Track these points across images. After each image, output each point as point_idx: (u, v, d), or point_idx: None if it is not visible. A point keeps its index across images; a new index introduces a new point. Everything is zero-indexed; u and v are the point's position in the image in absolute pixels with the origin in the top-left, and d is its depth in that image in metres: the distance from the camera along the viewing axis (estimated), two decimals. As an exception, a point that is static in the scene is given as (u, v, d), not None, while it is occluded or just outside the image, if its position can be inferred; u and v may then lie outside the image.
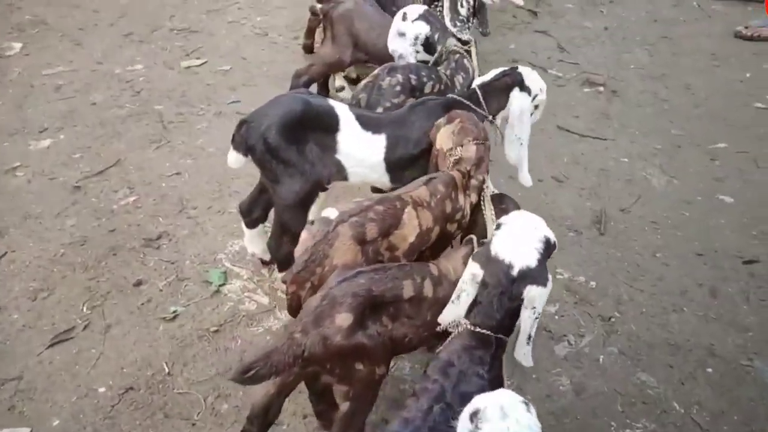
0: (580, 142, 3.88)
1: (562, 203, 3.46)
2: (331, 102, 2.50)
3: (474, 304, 1.76)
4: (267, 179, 2.49)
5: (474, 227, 2.42)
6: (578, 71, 4.52)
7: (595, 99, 4.25)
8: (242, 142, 2.40)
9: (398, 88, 2.78)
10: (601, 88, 4.36)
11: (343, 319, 1.78)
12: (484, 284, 1.74)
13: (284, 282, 2.10)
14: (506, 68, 2.65)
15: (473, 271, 1.75)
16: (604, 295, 2.98)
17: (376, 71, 2.88)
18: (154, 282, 2.90)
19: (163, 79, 4.25)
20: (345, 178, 2.54)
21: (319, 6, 3.61)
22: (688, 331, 2.84)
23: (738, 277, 3.10)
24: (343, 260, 1.96)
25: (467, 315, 1.77)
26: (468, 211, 2.31)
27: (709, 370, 2.68)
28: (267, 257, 2.97)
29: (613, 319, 2.88)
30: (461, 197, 2.28)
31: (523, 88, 2.55)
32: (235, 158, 2.48)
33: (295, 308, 2.04)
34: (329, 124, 2.43)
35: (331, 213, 2.03)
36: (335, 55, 3.49)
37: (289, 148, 2.36)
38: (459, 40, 3.14)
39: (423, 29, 3.00)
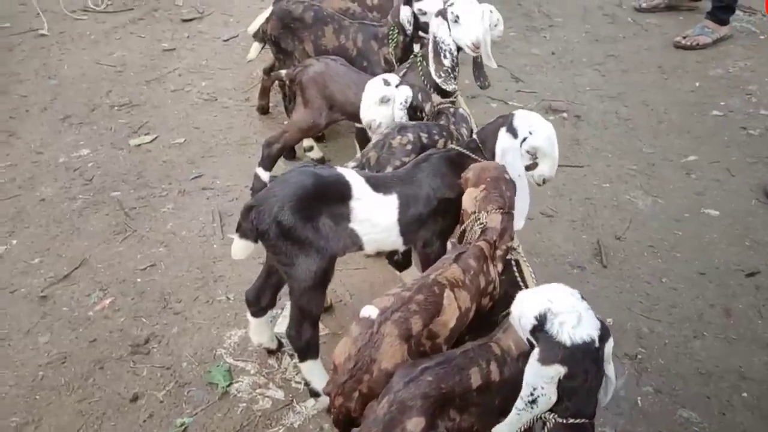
0: (559, 172, 3.82)
1: (557, 239, 3.39)
2: (339, 169, 2.36)
3: (561, 397, 1.62)
4: (280, 263, 2.32)
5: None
6: (538, 99, 4.51)
7: (562, 126, 4.24)
8: (252, 229, 2.24)
9: (409, 146, 2.65)
10: (565, 114, 4.36)
11: (416, 424, 1.63)
12: (572, 376, 1.60)
13: (327, 394, 1.91)
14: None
15: (555, 371, 1.60)
16: (624, 332, 2.91)
17: (386, 130, 2.75)
18: (153, 393, 2.63)
19: (114, 161, 3.97)
20: (360, 247, 2.41)
21: (283, 72, 3.44)
22: (715, 356, 2.79)
23: (745, 292, 3.09)
24: (392, 362, 1.80)
25: (554, 408, 1.63)
26: (498, 281, 2.19)
27: (744, 394, 2.64)
28: (273, 346, 2.76)
29: (639, 356, 2.80)
30: (491, 269, 2.15)
31: (509, 128, 2.45)
32: (242, 247, 2.30)
33: (344, 422, 1.85)
34: (341, 193, 2.30)
35: (371, 312, 1.86)
36: (309, 120, 3.33)
37: (305, 226, 2.22)
38: (443, 91, 3.03)
39: (409, 92, 2.89)
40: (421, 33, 3.40)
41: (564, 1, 5.85)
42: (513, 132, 2.43)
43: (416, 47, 3.47)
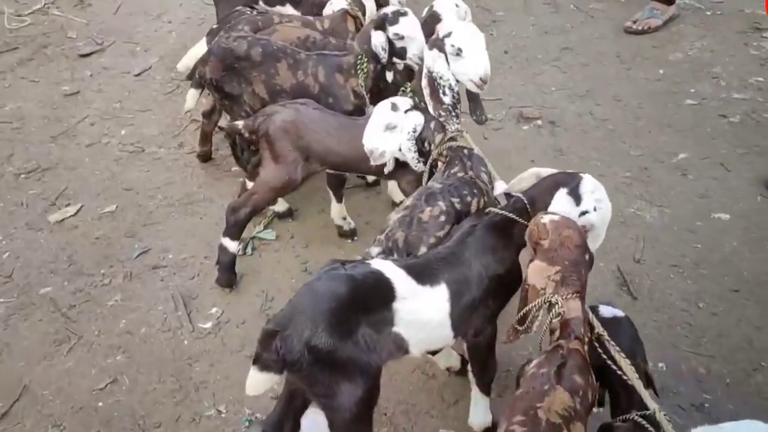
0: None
1: (575, 273, 3.03)
2: (374, 265, 1.91)
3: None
4: (317, 395, 1.84)
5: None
6: (506, 107, 4.14)
7: (539, 135, 3.90)
8: (277, 360, 1.75)
9: (442, 218, 2.20)
10: (539, 122, 4.02)
11: None
12: None
13: None
14: (559, 171, 2.20)
15: None
16: (680, 375, 2.61)
17: (409, 201, 2.27)
18: None
19: (34, 246, 3.27)
20: (406, 350, 1.98)
21: (240, 123, 2.86)
22: (782, 389, 2.52)
23: (786, 305, 2.86)
24: None
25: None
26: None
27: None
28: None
29: (706, 405, 2.50)
30: (592, 375, 1.75)
31: (574, 193, 2.09)
32: (263, 381, 1.84)
33: None
34: (383, 295, 1.89)
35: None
36: (284, 177, 2.79)
37: (344, 345, 1.79)
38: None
39: (419, 120, 2.45)
40: (395, 59, 2.93)
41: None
42: (577, 198, 2.07)
43: (389, 74, 3.00)
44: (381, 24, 2.84)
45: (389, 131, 2.46)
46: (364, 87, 2.96)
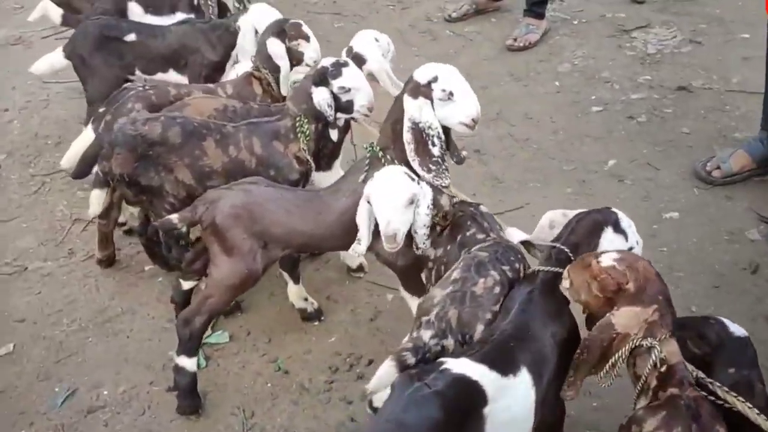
0: (507, 220, 3.31)
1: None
2: (454, 368, 1.61)
3: None
4: None
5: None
6: (424, 145, 3.94)
7: (469, 166, 3.72)
8: None
9: (497, 289, 1.91)
10: (465, 152, 3.83)
11: None
12: None
13: None
14: (582, 210, 1.98)
15: None
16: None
17: (456, 274, 1.93)
18: None
19: None
20: None
21: (174, 217, 2.37)
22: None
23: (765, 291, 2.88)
24: None
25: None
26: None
27: None
28: None
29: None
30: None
31: (618, 230, 1.97)
32: None
33: None
34: (474, 405, 1.59)
35: None
36: (242, 270, 2.35)
37: None
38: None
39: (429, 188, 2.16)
40: (340, 114, 2.60)
41: (377, 24, 5.33)
42: (624, 235, 1.98)
43: (333, 133, 2.67)
44: (322, 79, 2.51)
45: (408, 208, 2.14)
46: (308, 151, 2.60)
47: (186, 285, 2.75)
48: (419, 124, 2.30)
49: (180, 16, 3.71)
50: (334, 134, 2.69)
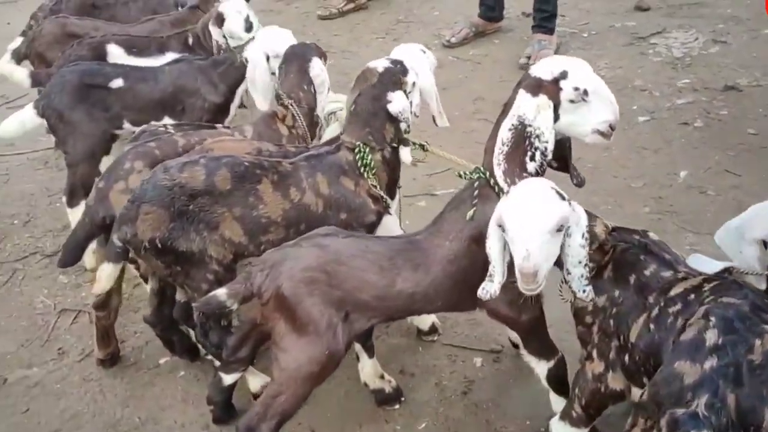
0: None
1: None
2: None
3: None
4: None
5: None
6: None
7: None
8: None
9: None
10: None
11: None
12: None
13: None
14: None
15: None
16: None
17: (712, 337, 1.35)
18: None
19: None
20: None
21: (222, 292, 1.75)
22: None
23: None
24: None
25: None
26: None
27: None
28: None
29: None
30: None
31: None
32: None
33: None
34: None
35: None
36: (320, 353, 1.75)
37: None
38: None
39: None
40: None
41: (371, 57, 4.85)
42: None
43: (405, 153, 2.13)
44: (396, 81, 1.99)
45: (556, 234, 1.58)
46: (379, 185, 2.04)
47: (229, 379, 2.12)
48: (527, 128, 1.78)
49: (171, 56, 3.15)
50: (406, 154, 2.14)
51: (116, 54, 3.09)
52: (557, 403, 1.94)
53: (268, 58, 2.71)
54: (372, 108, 2.04)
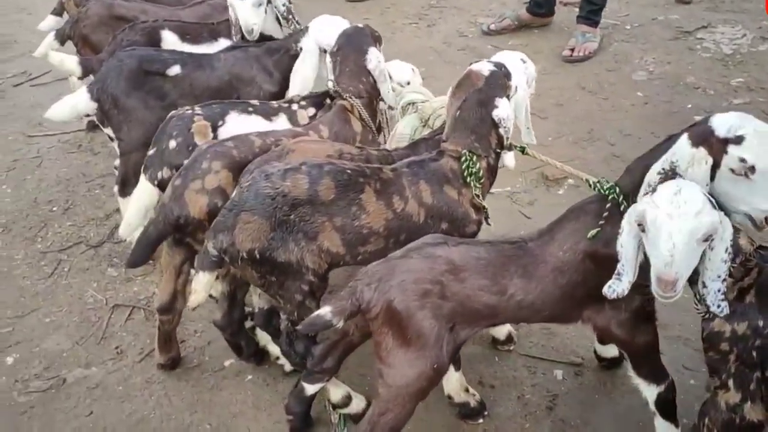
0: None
1: None
2: None
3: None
4: None
5: None
6: (519, 173, 3.34)
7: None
8: None
9: None
10: (570, 180, 3.27)
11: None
12: None
13: None
14: None
15: None
16: None
17: None
18: None
19: None
20: None
21: (326, 312, 1.67)
22: None
23: None
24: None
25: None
26: None
27: None
28: None
29: None
30: None
31: None
32: None
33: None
34: None
35: None
36: (428, 367, 1.70)
37: None
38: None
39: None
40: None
41: (406, 43, 4.74)
42: None
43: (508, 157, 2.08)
44: (504, 86, 1.92)
45: (702, 243, 1.51)
46: (482, 195, 1.95)
47: (311, 389, 2.05)
48: (676, 177, 1.65)
49: (224, 43, 3.02)
50: (510, 159, 2.06)
51: (170, 40, 2.96)
52: (664, 428, 1.88)
53: (323, 52, 2.67)
54: (479, 114, 1.95)
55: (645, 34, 4.56)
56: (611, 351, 2.24)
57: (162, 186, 2.25)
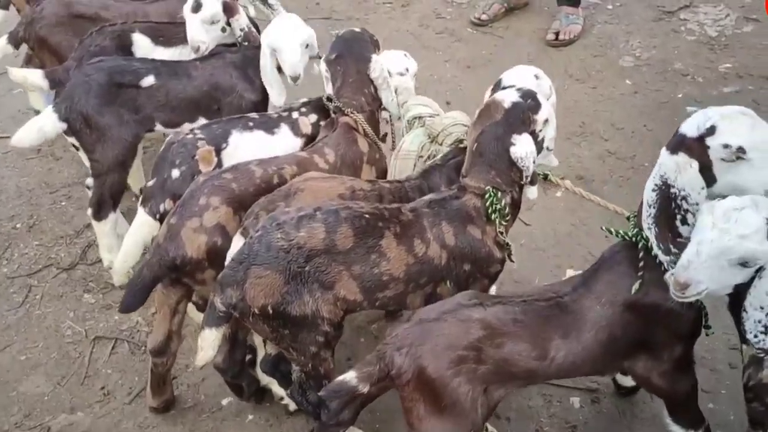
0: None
1: None
2: None
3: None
4: None
5: None
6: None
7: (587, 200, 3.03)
8: None
9: None
10: (567, 181, 3.16)
11: None
12: None
13: None
14: None
15: None
16: None
17: None
18: None
19: None
20: None
21: (352, 377, 1.58)
22: None
23: None
24: None
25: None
26: None
27: None
28: None
29: None
30: None
31: None
32: None
33: None
34: None
35: None
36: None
37: None
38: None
39: None
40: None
41: (381, 27, 4.50)
42: None
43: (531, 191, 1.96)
44: (525, 120, 1.77)
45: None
46: (506, 231, 1.82)
47: None
48: (671, 189, 1.62)
49: (197, 47, 2.78)
50: (534, 192, 1.94)
51: (142, 44, 2.71)
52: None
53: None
54: (495, 149, 1.81)
55: (627, 14, 4.43)
56: (630, 380, 2.17)
57: (164, 219, 2.07)
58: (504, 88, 2.13)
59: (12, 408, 2.33)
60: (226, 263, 1.83)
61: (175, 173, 2.13)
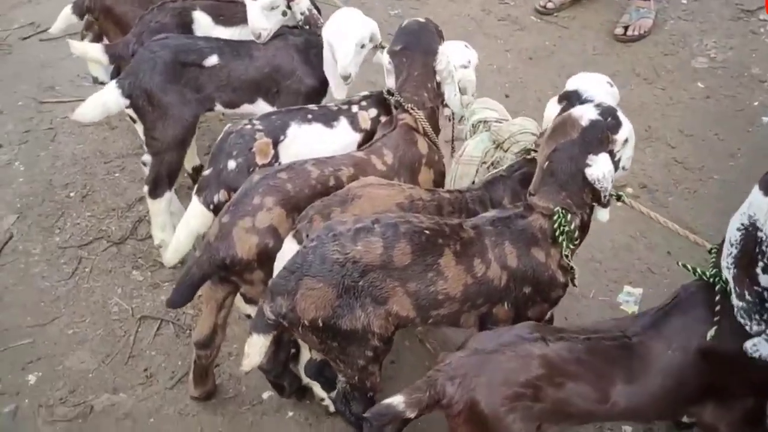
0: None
1: None
2: None
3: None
4: None
5: None
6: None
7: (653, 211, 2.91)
8: None
9: None
10: (629, 189, 3.03)
11: None
12: None
13: None
14: None
15: None
16: None
17: None
18: None
19: None
20: None
21: (400, 402, 1.52)
22: None
23: None
24: None
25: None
26: None
27: None
28: None
29: None
30: None
31: None
32: None
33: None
34: None
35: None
36: None
37: None
38: None
39: None
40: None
41: (440, 10, 4.36)
42: None
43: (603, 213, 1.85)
44: (602, 139, 1.67)
45: None
46: (571, 255, 1.74)
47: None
48: (758, 232, 1.49)
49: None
50: (604, 213, 1.84)
51: (203, 23, 2.65)
52: None
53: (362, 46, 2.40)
54: (569, 169, 1.71)
55: (703, 11, 4.20)
56: (688, 415, 2.08)
57: (218, 210, 2.04)
58: (570, 95, 2.02)
59: (57, 382, 2.36)
60: (275, 266, 1.80)
61: (231, 164, 2.09)
